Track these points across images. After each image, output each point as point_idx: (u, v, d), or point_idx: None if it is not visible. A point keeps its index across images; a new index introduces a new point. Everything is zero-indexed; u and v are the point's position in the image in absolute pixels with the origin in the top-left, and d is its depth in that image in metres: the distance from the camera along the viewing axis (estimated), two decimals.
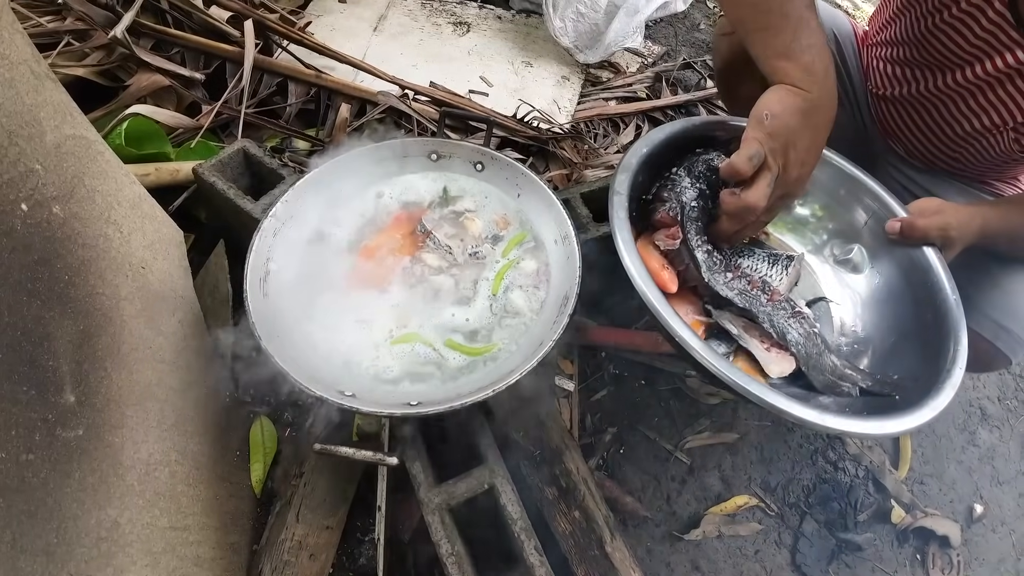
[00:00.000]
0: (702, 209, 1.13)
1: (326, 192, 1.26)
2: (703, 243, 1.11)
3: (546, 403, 1.34)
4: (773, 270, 1.18)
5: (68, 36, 1.64)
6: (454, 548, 1.05)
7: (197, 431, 1.17)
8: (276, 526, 1.22)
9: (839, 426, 0.92)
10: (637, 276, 0.98)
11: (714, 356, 0.92)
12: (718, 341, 1.11)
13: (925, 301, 1.14)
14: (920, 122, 1.39)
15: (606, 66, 2.55)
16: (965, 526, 1.68)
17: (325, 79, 1.84)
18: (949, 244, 1.17)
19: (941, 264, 1.16)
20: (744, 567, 1.49)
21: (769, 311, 1.08)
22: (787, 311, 1.08)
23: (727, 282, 1.10)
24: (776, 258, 1.19)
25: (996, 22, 1.12)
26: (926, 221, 1.17)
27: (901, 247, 1.20)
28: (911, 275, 1.19)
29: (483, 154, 1.32)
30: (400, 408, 0.97)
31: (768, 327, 1.08)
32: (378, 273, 1.20)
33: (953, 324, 1.08)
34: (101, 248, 1.00)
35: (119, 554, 0.89)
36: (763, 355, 1.08)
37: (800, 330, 1.07)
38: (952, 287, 1.13)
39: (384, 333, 1.14)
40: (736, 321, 1.11)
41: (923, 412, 0.95)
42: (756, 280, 1.12)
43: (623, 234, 1.02)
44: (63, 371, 0.85)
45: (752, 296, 1.10)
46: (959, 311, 1.09)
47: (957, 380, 0.99)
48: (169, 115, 1.60)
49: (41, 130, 0.92)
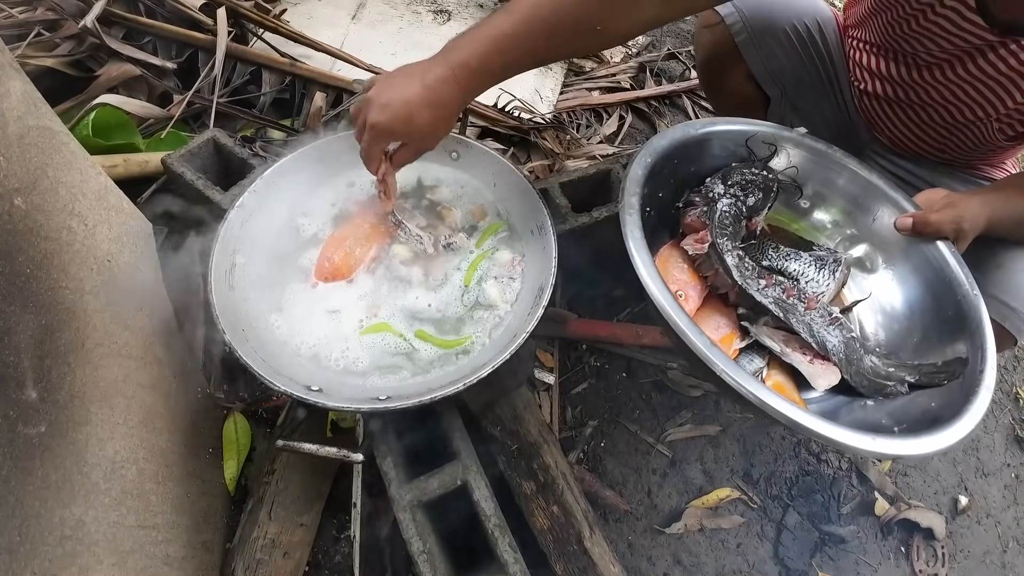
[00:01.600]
0: (734, 217, 1.12)
1: (296, 182, 1.23)
2: (734, 248, 1.09)
3: (524, 396, 1.32)
4: (820, 275, 1.16)
5: (39, 26, 1.62)
6: (426, 546, 1.04)
7: (167, 428, 1.15)
8: (248, 524, 1.20)
9: (890, 450, 0.88)
10: (664, 303, 0.91)
11: (756, 386, 0.87)
12: (749, 357, 1.09)
13: (944, 297, 1.12)
14: (903, 115, 1.38)
15: (589, 56, 2.52)
16: (950, 518, 1.68)
17: (300, 68, 1.82)
18: (962, 236, 1.15)
19: (956, 258, 1.13)
20: (726, 560, 1.48)
21: (808, 320, 1.06)
22: (825, 319, 1.06)
23: (760, 289, 1.08)
24: (823, 261, 1.18)
25: (967, 28, 1.12)
26: (939, 215, 1.14)
27: (913, 243, 1.18)
28: (926, 271, 1.16)
29: (458, 142, 1.30)
30: (368, 403, 0.95)
31: (808, 337, 1.06)
32: (347, 264, 1.18)
33: (976, 320, 1.06)
34: (64, 241, 0.98)
35: (84, 553, 0.88)
36: (808, 369, 1.05)
37: (840, 337, 1.05)
38: (971, 282, 1.10)
39: (354, 324, 1.12)
40: (775, 335, 1.09)
41: (964, 422, 0.91)
42: (791, 288, 1.10)
43: (642, 255, 0.96)
44: (24, 367, 0.83)
45: (789, 305, 1.07)
46: (981, 306, 1.07)
47: (991, 381, 0.97)
48: (139, 105, 1.58)
49: (4, 121, 0.90)
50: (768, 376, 1.08)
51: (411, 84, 1.01)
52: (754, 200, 1.18)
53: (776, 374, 1.09)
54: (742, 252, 1.10)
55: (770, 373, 1.09)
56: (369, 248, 1.20)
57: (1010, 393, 2.00)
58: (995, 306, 1.19)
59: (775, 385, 1.06)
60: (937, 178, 1.42)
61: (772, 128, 1.26)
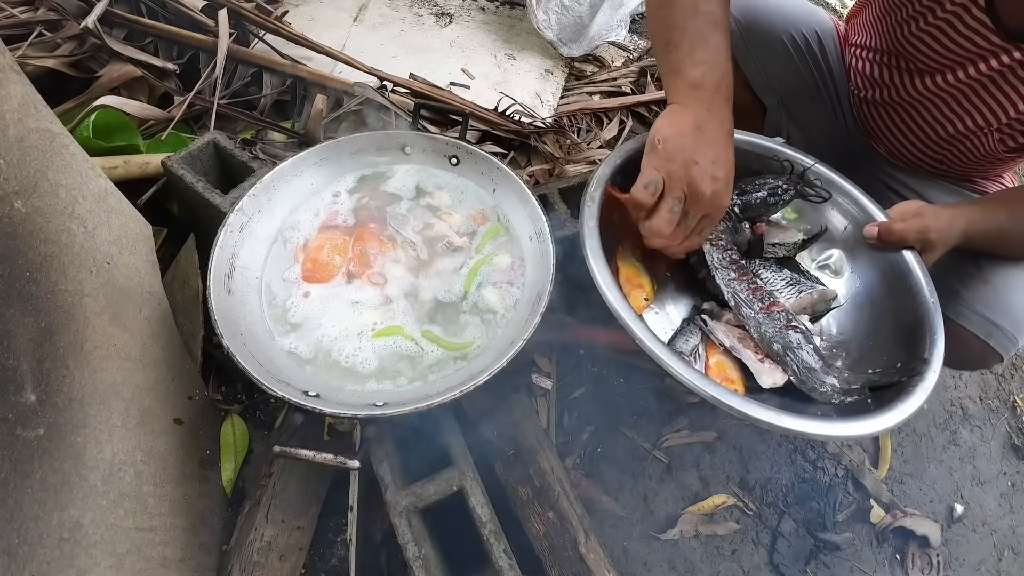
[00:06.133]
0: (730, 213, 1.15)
1: (295, 186, 1.24)
2: (718, 239, 1.13)
3: (521, 402, 1.32)
4: (787, 290, 1.17)
5: (40, 27, 1.62)
6: (421, 551, 1.04)
7: (164, 430, 1.15)
8: (245, 527, 1.20)
9: (816, 431, 0.91)
10: (602, 283, 1.00)
11: (687, 369, 0.93)
12: (685, 337, 1.11)
13: (903, 304, 1.13)
14: (903, 124, 1.38)
15: (590, 60, 2.53)
16: (945, 526, 1.68)
17: (301, 69, 1.82)
18: (929, 247, 1.16)
19: (920, 267, 1.15)
20: (721, 567, 1.48)
21: (760, 319, 1.08)
22: (781, 322, 1.07)
23: (729, 279, 1.11)
24: (797, 282, 1.19)
25: (975, 28, 1.11)
26: (903, 225, 1.15)
27: (880, 251, 1.19)
28: (890, 278, 1.18)
29: (458, 148, 1.30)
30: (365, 409, 0.95)
31: (755, 335, 1.08)
32: (332, 266, 1.18)
33: (930, 327, 1.07)
34: (64, 243, 0.98)
35: (82, 555, 0.89)
36: (756, 366, 1.07)
37: (789, 341, 1.06)
38: (931, 290, 1.12)
39: (358, 328, 1.12)
40: (731, 332, 1.11)
41: (892, 415, 0.94)
42: (761, 288, 1.11)
43: (591, 241, 1.03)
44: (23, 369, 0.84)
45: (745, 300, 1.09)
46: (937, 314, 1.09)
47: (930, 384, 0.99)
48: (139, 106, 1.57)
49: (4, 123, 0.91)
50: (711, 353, 1.11)
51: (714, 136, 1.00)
52: (758, 199, 1.20)
53: (716, 357, 1.11)
54: (724, 243, 1.13)
55: (711, 354, 1.11)
56: (368, 254, 1.20)
57: (1007, 401, 1.99)
58: (981, 323, 1.20)
59: (717, 363, 1.10)
60: (933, 191, 1.42)
61: (748, 136, 1.28)
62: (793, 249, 1.25)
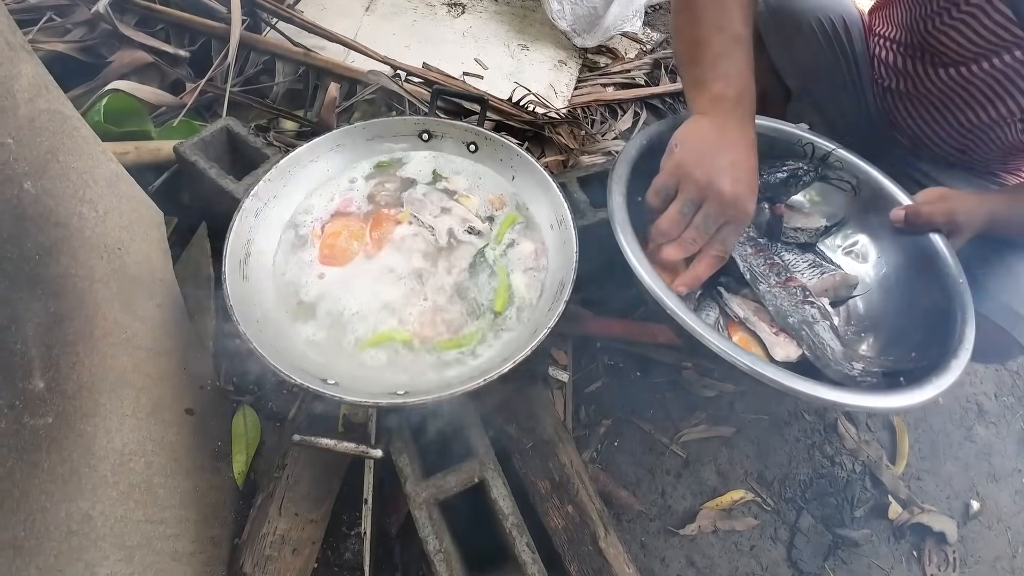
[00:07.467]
0: None
1: (311, 172, 1.22)
2: None
3: (539, 394, 1.30)
4: (808, 271, 1.16)
5: (51, 11, 1.61)
6: (442, 544, 1.02)
7: (175, 420, 1.13)
8: (258, 520, 1.18)
9: (841, 399, 0.91)
10: (632, 255, 0.99)
11: (719, 338, 0.92)
12: (705, 311, 1.11)
13: (932, 286, 1.13)
14: (926, 114, 1.37)
15: (604, 51, 2.51)
16: (961, 523, 1.66)
17: (314, 58, 1.80)
18: (956, 231, 1.14)
19: (948, 250, 1.14)
20: (739, 562, 1.46)
21: (776, 292, 1.07)
22: (798, 296, 1.07)
23: (746, 255, 1.11)
24: (819, 264, 1.18)
25: (999, 21, 1.11)
26: (931, 207, 1.14)
27: (908, 236, 1.18)
28: (918, 262, 1.17)
29: (476, 134, 1.28)
30: (386, 398, 0.92)
31: (770, 308, 1.08)
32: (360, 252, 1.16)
33: (961, 306, 1.07)
34: (75, 227, 0.96)
35: (91, 548, 0.86)
36: (770, 338, 1.06)
37: (805, 315, 1.05)
38: (959, 271, 1.11)
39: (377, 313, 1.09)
40: (747, 306, 1.10)
41: (927, 389, 0.94)
42: (778, 263, 1.11)
43: (619, 215, 1.02)
44: (31, 356, 0.81)
45: (760, 273, 1.09)
46: (967, 294, 1.08)
47: (964, 360, 0.99)
48: (151, 92, 1.56)
49: (14, 103, 0.88)
50: (733, 332, 1.11)
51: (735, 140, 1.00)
52: (777, 180, 1.19)
53: (741, 330, 1.11)
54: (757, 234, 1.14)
55: (735, 329, 1.11)
56: (384, 239, 1.17)
57: (1022, 398, 1.97)
58: (1006, 313, 1.18)
59: (740, 340, 1.09)
60: (955, 183, 1.40)
61: (771, 122, 1.27)
62: (815, 235, 1.23)
